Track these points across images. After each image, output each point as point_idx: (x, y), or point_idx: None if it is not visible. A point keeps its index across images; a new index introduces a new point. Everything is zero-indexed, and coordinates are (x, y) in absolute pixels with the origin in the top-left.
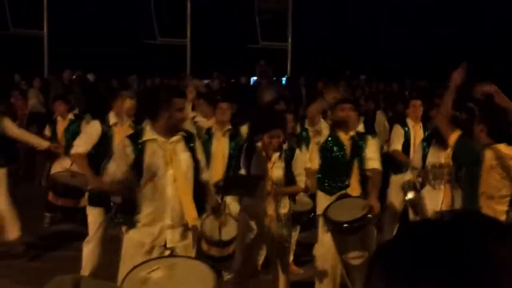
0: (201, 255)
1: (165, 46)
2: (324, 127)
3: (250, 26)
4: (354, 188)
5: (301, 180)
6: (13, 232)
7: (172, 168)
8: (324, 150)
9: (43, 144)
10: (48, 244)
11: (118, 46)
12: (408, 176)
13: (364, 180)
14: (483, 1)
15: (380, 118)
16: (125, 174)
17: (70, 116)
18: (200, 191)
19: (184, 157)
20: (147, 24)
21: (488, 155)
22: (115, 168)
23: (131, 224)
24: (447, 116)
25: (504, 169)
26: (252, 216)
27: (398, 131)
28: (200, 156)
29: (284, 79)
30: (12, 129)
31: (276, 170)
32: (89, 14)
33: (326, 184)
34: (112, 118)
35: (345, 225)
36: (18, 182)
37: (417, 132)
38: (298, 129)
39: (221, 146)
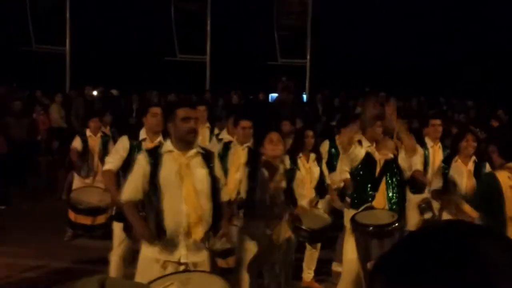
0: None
1: (185, 63)
2: (358, 152)
3: (269, 43)
4: (379, 202)
5: (303, 199)
6: None
7: (184, 183)
8: (357, 167)
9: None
10: (68, 258)
11: (139, 62)
12: (425, 195)
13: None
14: (499, 15)
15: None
16: (141, 188)
17: (100, 133)
18: (218, 211)
19: (199, 173)
20: (167, 41)
21: (502, 176)
22: (132, 184)
23: (149, 240)
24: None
25: None
26: (256, 238)
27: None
28: (220, 174)
29: (304, 95)
30: None
31: (280, 188)
32: (110, 31)
33: (354, 198)
34: (142, 134)
35: (371, 228)
36: (39, 195)
37: (436, 152)
38: (326, 146)
39: (238, 160)
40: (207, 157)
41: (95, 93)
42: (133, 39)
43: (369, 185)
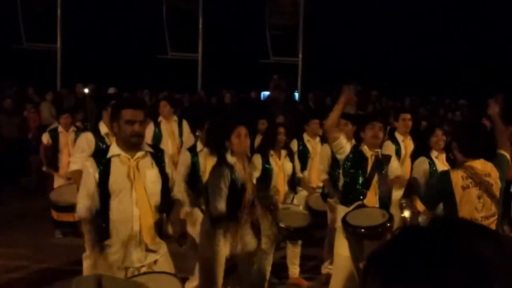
0: None
1: (176, 61)
2: (345, 143)
3: (261, 41)
4: (370, 200)
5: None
6: None
7: (135, 186)
8: (346, 164)
9: None
10: (58, 257)
11: (130, 60)
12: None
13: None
14: (492, 15)
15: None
16: (94, 199)
17: (73, 128)
18: (167, 208)
19: (150, 174)
20: (159, 39)
21: (456, 176)
22: (85, 196)
23: (102, 248)
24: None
25: (480, 187)
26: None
27: (388, 146)
28: (170, 171)
29: (296, 94)
30: None
31: (250, 184)
32: (102, 29)
33: (344, 196)
34: (102, 128)
35: (362, 230)
36: (30, 195)
37: (408, 146)
38: (295, 145)
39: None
40: (156, 156)
41: (86, 90)
42: (125, 36)
43: (360, 182)
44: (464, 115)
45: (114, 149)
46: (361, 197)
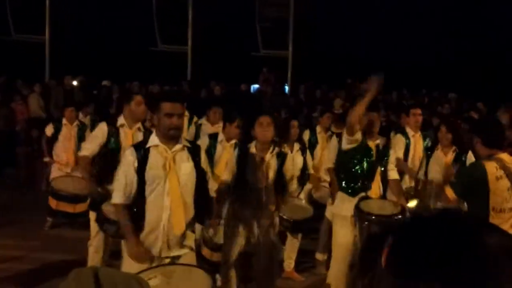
0: (202, 261)
1: (166, 53)
2: (360, 136)
3: (251, 34)
4: (374, 191)
5: (293, 185)
6: None
7: (169, 177)
8: (351, 154)
9: None
10: (48, 248)
11: (120, 52)
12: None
13: (383, 184)
14: (486, 13)
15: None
16: (131, 187)
17: (77, 122)
18: (203, 202)
19: (185, 167)
20: (149, 31)
21: (490, 167)
22: (122, 184)
23: (137, 259)
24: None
25: (510, 179)
26: (242, 223)
27: (399, 139)
28: (206, 167)
29: (286, 87)
30: None
31: (270, 174)
32: (91, 21)
33: (348, 186)
34: (120, 120)
35: (373, 217)
36: (18, 187)
37: (417, 141)
38: (307, 135)
39: (227, 155)
40: (193, 150)
41: (75, 83)
42: (114, 28)
43: (364, 174)
44: (452, 107)
45: (154, 140)
46: (366, 188)
